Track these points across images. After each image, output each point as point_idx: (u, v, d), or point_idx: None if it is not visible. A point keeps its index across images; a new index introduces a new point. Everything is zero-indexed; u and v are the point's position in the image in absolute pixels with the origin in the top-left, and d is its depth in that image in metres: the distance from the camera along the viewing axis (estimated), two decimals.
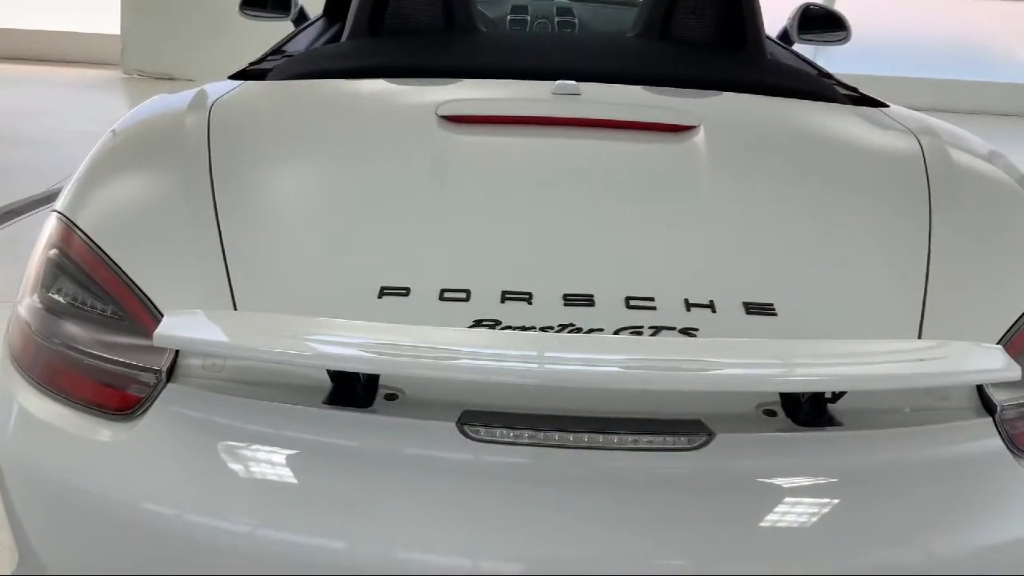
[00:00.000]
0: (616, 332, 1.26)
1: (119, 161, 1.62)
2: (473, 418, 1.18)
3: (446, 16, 2.22)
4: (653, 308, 1.30)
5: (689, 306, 1.30)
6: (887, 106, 2.07)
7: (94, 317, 1.32)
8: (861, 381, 1.17)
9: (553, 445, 1.18)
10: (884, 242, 1.47)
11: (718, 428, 1.19)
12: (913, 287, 1.37)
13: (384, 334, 1.18)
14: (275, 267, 1.37)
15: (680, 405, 1.22)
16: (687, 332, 1.27)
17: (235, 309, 1.29)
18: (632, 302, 1.31)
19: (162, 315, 1.23)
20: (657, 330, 1.27)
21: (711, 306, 1.31)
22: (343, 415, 1.20)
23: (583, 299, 1.31)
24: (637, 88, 1.96)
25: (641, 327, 1.27)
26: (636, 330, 1.27)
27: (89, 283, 1.34)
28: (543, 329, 1.26)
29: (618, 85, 1.96)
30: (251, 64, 2.24)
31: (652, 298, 1.31)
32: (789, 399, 1.24)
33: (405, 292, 1.31)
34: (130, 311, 1.30)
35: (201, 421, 1.23)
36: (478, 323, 1.27)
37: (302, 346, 1.16)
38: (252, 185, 1.54)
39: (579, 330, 1.26)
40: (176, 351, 1.25)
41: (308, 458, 1.20)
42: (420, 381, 1.24)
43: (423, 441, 1.19)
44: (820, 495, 1.19)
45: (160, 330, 1.15)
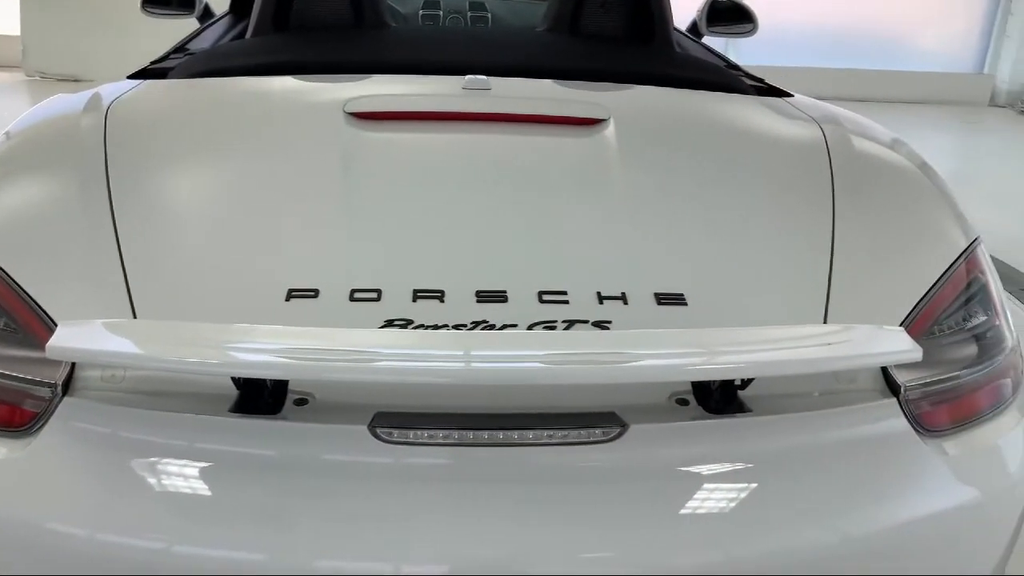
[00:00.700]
0: (530, 327, 1.26)
1: (10, 165, 1.56)
2: (385, 420, 1.17)
3: (354, 11, 2.19)
4: (566, 302, 1.30)
5: (602, 299, 1.31)
6: (792, 96, 2.11)
7: None
8: (771, 367, 1.19)
9: (468, 444, 1.17)
10: (790, 230, 1.50)
11: (632, 419, 1.19)
12: (818, 273, 1.39)
13: (292, 338, 1.16)
14: (177, 272, 1.32)
15: (594, 398, 1.23)
16: (600, 325, 1.27)
17: (135, 317, 1.25)
18: (545, 296, 1.30)
19: (56, 325, 1.18)
20: (571, 324, 1.27)
21: (623, 298, 1.31)
22: (251, 423, 1.17)
23: (495, 295, 1.30)
24: (547, 82, 1.96)
25: (555, 321, 1.27)
26: (550, 324, 1.26)
27: None
28: (456, 327, 1.25)
29: (528, 79, 1.95)
30: (152, 63, 2.18)
31: (565, 292, 1.31)
32: (700, 387, 1.26)
33: (314, 294, 1.28)
34: (22, 323, 1.25)
35: (101, 435, 1.19)
36: (390, 323, 1.25)
37: (206, 354, 1.12)
38: (152, 188, 1.48)
39: (492, 327, 1.25)
40: (73, 363, 1.20)
41: (217, 469, 1.17)
42: (330, 384, 1.21)
43: (335, 446, 1.17)
44: (733, 480, 1.21)
45: (53, 342, 1.10)
